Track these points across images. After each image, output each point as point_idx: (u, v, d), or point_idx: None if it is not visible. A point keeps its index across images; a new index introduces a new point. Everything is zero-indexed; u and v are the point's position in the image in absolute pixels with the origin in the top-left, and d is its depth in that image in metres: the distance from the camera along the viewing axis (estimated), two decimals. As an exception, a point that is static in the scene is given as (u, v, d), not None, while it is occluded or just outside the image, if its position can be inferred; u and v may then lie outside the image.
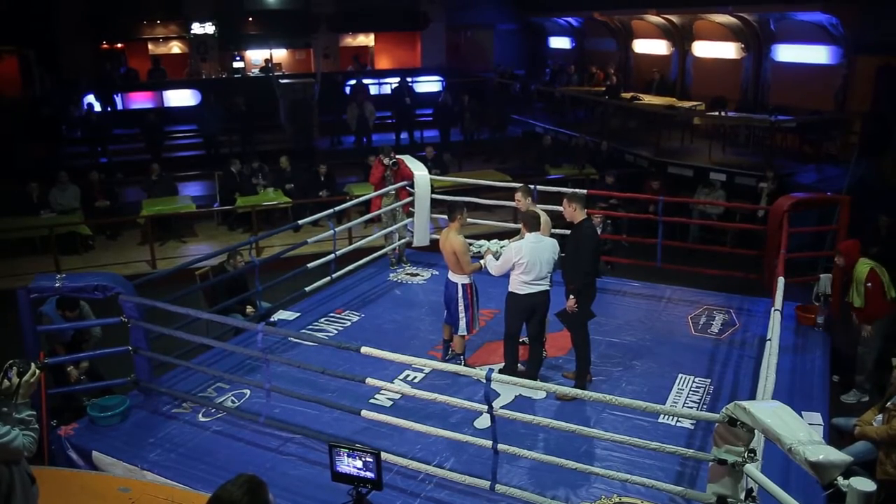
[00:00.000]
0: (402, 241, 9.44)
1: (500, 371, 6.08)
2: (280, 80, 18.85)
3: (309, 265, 7.97)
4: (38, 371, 3.64)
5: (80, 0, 19.51)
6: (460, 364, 6.44)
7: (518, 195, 6.84)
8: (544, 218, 6.41)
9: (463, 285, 6.46)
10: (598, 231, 6.93)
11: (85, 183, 12.53)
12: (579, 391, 5.17)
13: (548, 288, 6.07)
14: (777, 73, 15.87)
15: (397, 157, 9.19)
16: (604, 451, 5.27)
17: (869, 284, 6.89)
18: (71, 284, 5.70)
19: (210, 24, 21.12)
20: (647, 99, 17.23)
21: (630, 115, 17.55)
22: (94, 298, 5.91)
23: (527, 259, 5.90)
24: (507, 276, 6.11)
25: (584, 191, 7.97)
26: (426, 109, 18.58)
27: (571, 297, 5.97)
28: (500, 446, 4.66)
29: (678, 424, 5.66)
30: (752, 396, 5.45)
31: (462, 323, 6.50)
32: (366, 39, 24.46)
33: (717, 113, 14.92)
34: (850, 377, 7.25)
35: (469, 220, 7.00)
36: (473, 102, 18.07)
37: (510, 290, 6.09)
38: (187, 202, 12.81)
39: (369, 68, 23.41)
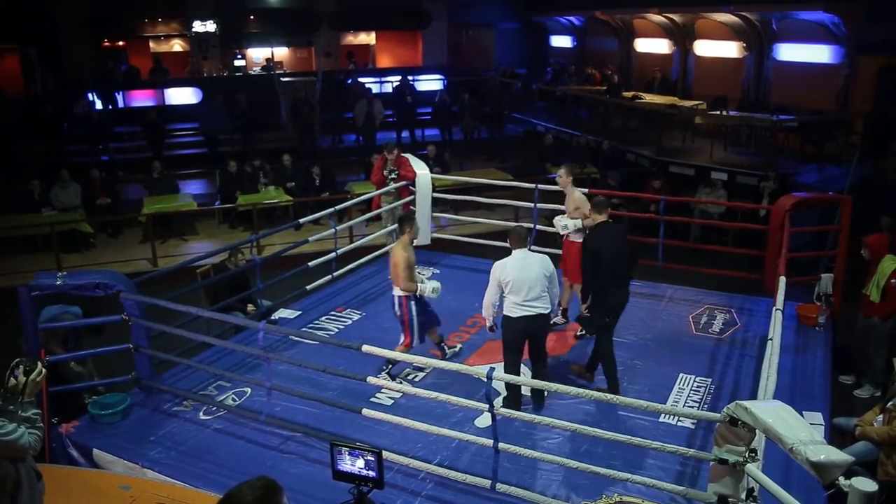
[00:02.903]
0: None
1: (504, 400, 5.74)
2: (281, 79, 18.84)
3: (310, 263, 7.97)
4: (43, 370, 3.66)
5: (82, -2, 19.54)
6: (444, 352, 6.64)
7: (561, 172, 7.19)
8: (580, 198, 6.85)
9: (398, 297, 6.32)
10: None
11: (86, 181, 12.52)
12: (582, 390, 5.15)
13: (545, 311, 5.63)
14: (779, 72, 15.87)
15: (402, 155, 9.19)
16: (605, 451, 5.26)
17: (893, 281, 6.91)
18: (72, 282, 5.71)
19: (211, 22, 21.08)
20: (649, 98, 17.20)
21: (631, 114, 17.54)
22: (95, 296, 5.92)
23: (511, 277, 5.51)
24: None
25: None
26: (427, 108, 18.57)
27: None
28: (502, 445, 4.66)
29: (679, 424, 5.66)
30: (754, 396, 5.44)
31: (402, 336, 6.38)
32: (367, 38, 24.44)
33: (718, 112, 14.89)
34: (860, 372, 7.28)
35: (470, 218, 7.01)
36: (473, 101, 18.05)
37: (504, 313, 5.69)
38: (188, 200, 12.80)
39: (370, 66, 23.38)
